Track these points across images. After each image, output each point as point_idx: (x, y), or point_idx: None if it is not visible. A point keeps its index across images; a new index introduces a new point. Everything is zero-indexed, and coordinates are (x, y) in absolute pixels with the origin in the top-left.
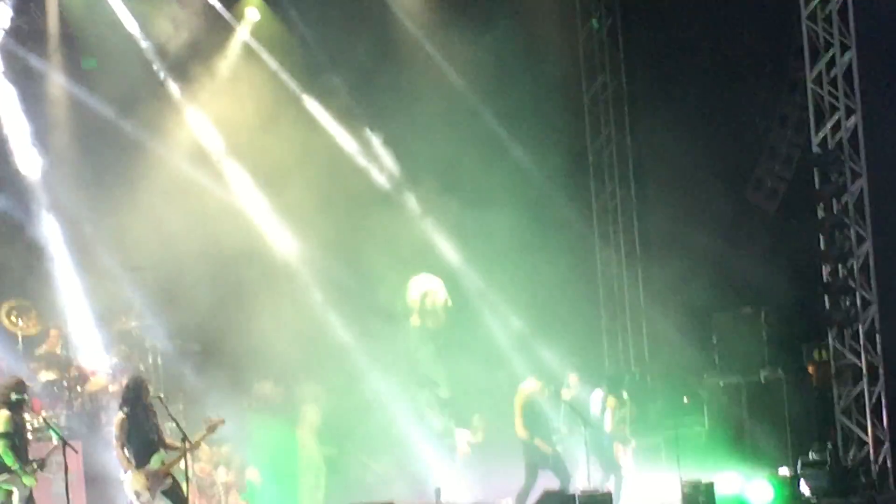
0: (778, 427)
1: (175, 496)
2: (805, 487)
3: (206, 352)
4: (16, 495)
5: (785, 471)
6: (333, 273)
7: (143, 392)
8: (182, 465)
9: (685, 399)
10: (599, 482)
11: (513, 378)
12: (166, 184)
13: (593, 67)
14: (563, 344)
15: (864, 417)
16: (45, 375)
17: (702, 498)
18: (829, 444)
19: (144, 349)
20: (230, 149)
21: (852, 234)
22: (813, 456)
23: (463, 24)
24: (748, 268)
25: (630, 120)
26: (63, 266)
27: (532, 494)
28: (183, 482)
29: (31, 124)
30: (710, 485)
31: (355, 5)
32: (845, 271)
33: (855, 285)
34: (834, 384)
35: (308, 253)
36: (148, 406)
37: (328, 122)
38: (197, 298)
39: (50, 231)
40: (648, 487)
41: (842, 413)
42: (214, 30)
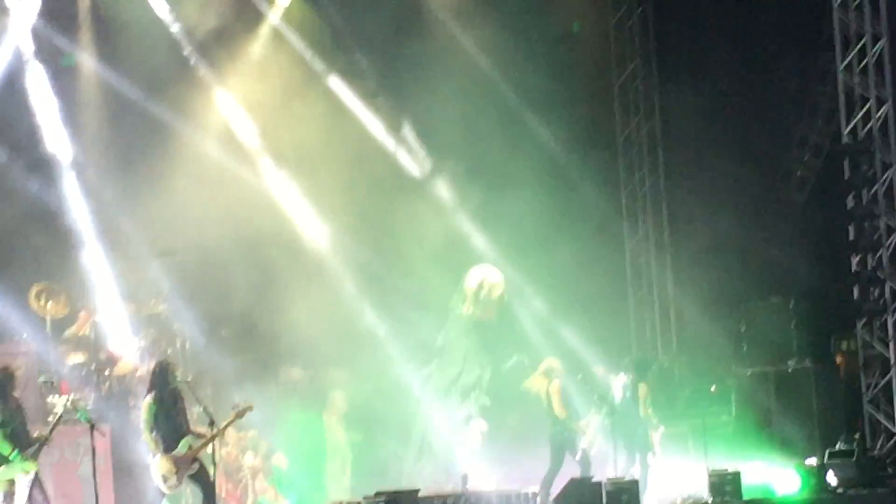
0: (805, 417)
1: (202, 481)
2: (832, 477)
3: (234, 337)
4: (19, 482)
5: (812, 461)
6: (362, 258)
7: (171, 376)
8: (209, 450)
9: (713, 388)
10: (624, 469)
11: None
12: (196, 168)
13: (624, 55)
14: (590, 331)
15: (891, 408)
16: (74, 358)
17: (728, 487)
18: (856, 435)
19: (172, 333)
20: (259, 133)
21: (882, 224)
22: (840, 446)
23: (493, 9)
24: (777, 257)
25: (660, 108)
26: (92, 249)
27: (557, 480)
28: (210, 467)
29: (62, 108)
30: (736, 474)
31: None
32: (874, 262)
33: (884, 276)
34: (862, 374)
35: (337, 238)
36: (176, 390)
37: (356, 106)
38: (226, 283)
39: (80, 214)
40: (675, 476)
41: (869, 403)
42: (243, 13)
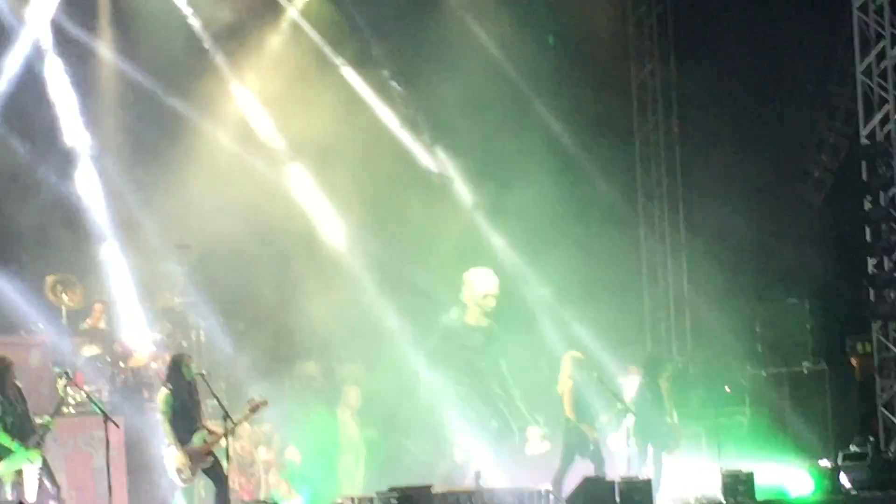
0: (819, 419)
1: (215, 475)
2: (846, 480)
3: (248, 330)
4: (27, 472)
5: (826, 463)
6: (379, 253)
7: (185, 369)
8: (223, 444)
9: (727, 388)
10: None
11: (553, 364)
12: (213, 160)
13: (643, 52)
14: (604, 330)
15: None
16: (89, 350)
17: (741, 488)
18: (870, 437)
19: (187, 326)
20: (276, 127)
21: None
22: (854, 448)
23: (511, 4)
24: (793, 258)
25: (678, 106)
26: (108, 242)
27: (567, 478)
28: (223, 461)
29: (80, 99)
30: (750, 475)
31: None
32: (891, 264)
33: None
34: (877, 377)
35: (354, 232)
36: (191, 383)
37: (373, 100)
38: (241, 277)
39: (97, 206)
40: (688, 476)
41: (884, 406)
42: (262, 6)
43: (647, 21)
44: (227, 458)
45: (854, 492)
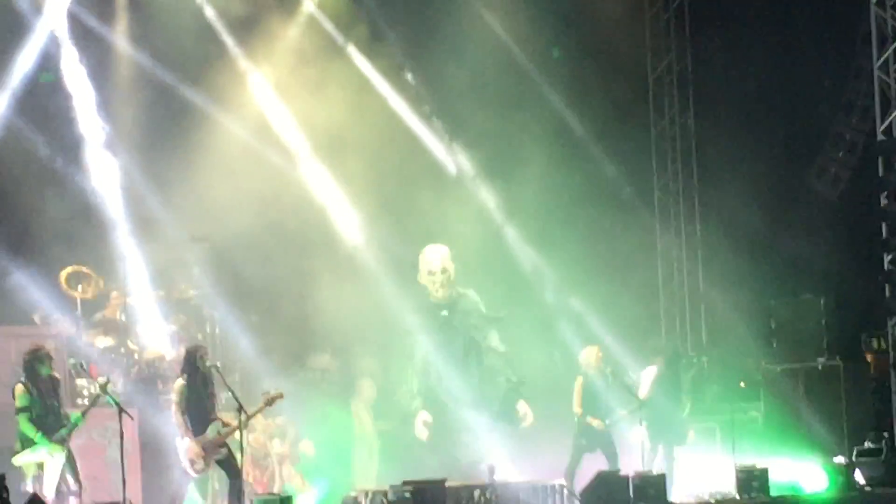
0: (834, 415)
1: (229, 466)
2: (860, 476)
3: (263, 323)
4: (48, 466)
5: (840, 459)
6: (394, 247)
7: (200, 361)
8: (237, 436)
9: (742, 384)
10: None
11: (568, 358)
12: (228, 153)
13: (659, 49)
14: (619, 326)
15: None
16: (103, 342)
17: (756, 483)
18: (885, 434)
19: (202, 318)
20: (293, 120)
21: None
22: (869, 445)
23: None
24: (809, 254)
25: (694, 103)
26: (124, 233)
27: (577, 472)
28: (237, 452)
29: (96, 90)
30: (764, 470)
31: None
32: None
33: None
34: (892, 373)
35: (370, 225)
36: (206, 375)
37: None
38: (256, 269)
39: (112, 198)
40: (703, 471)
41: None
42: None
43: (663, 16)
44: (241, 450)
45: (868, 488)
